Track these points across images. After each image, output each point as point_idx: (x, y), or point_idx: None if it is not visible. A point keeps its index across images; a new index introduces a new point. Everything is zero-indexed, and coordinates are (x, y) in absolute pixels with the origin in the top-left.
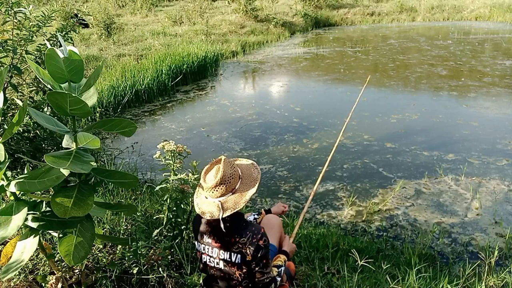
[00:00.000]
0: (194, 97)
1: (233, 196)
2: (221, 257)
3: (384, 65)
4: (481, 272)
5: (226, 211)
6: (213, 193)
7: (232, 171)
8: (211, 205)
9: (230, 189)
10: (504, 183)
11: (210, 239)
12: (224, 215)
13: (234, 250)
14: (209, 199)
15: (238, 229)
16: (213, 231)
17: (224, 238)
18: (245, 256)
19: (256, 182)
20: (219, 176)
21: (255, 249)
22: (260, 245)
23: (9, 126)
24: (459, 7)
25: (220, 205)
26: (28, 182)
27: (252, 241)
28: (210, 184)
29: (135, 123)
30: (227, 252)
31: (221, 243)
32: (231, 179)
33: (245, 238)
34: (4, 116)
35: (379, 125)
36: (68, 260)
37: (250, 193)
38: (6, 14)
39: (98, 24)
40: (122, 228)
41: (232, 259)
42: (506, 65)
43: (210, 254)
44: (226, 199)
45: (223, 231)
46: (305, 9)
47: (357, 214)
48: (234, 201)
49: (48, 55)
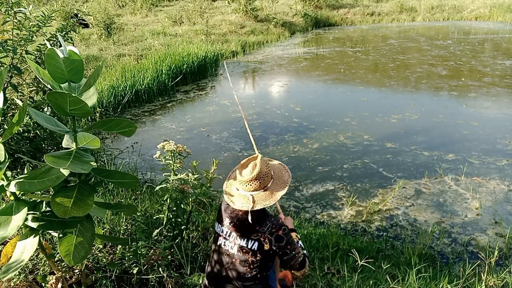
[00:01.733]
0: (194, 97)
1: (264, 193)
2: (237, 242)
3: (384, 65)
4: (481, 272)
5: (257, 205)
6: (247, 187)
7: (267, 170)
8: (242, 197)
9: (262, 186)
10: (504, 183)
11: (231, 224)
12: (254, 208)
13: (253, 237)
14: (240, 191)
15: (259, 220)
16: (236, 219)
17: (246, 227)
18: (262, 245)
19: (287, 185)
20: (256, 172)
21: (276, 239)
22: (280, 235)
23: (9, 126)
24: (459, 7)
25: (252, 198)
26: (28, 182)
27: (272, 231)
28: (246, 178)
29: (135, 123)
30: (245, 239)
31: (241, 230)
32: (265, 177)
33: (265, 228)
34: (4, 116)
35: (379, 125)
36: (68, 260)
37: (280, 194)
38: (6, 14)
39: (98, 24)
40: (122, 228)
41: (248, 246)
42: (506, 65)
43: (227, 237)
44: (258, 194)
45: (248, 221)
46: (305, 9)
47: (357, 214)
48: (265, 197)
49: (48, 55)
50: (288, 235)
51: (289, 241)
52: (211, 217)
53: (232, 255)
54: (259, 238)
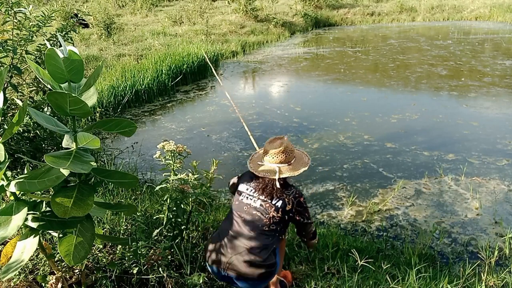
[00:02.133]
0: (194, 97)
1: (288, 167)
2: (261, 198)
3: (384, 65)
4: (481, 272)
5: (283, 174)
6: (273, 159)
7: (291, 148)
8: (269, 169)
9: (287, 160)
10: (504, 183)
11: (257, 187)
12: (280, 176)
13: (277, 196)
14: (266, 164)
15: (285, 186)
16: (263, 183)
17: (271, 191)
18: (286, 204)
19: (307, 165)
20: (284, 146)
21: (297, 204)
22: (301, 201)
23: (9, 126)
24: (459, 7)
25: (278, 169)
26: (28, 182)
27: (295, 195)
28: (274, 150)
29: (135, 123)
30: (269, 196)
31: (267, 192)
32: (290, 153)
33: (289, 192)
34: (4, 116)
35: (379, 125)
36: (68, 260)
37: (302, 170)
38: (6, 14)
39: (98, 24)
40: (122, 228)
41: (272, 202)
42: (506, 65)
43: (250, 193)
44: (283, 167)
45: (272, 187)
46: (305, 9)
47: (357, 214)
48: (289, 170)
49: (48, 55)
50: (306, 204)
51: (307, 209)
52: (211, 217)
53: (254, 207)
54: (283, 198)
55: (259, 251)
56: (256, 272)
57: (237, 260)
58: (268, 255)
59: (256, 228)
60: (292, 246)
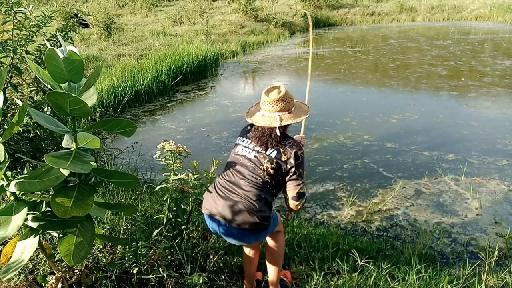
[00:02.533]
0: (194, 97)
1: (288, 115)
2: (256, 149)
3: (384, 65)
4: (481, 272)
5: (284, 122)
6: (273, 107)
7: (290, 95)
8: (268, 118)
9: (287, 108)
10: (504, 183)
11: (254, 138)
12: (281, 124)
13: (273, 146)
14: (266, 115)
15: (283, 136)
16: (261, 133)
17: (268, 140)
18: (281, 154)
19: (307, 113)
20: (282, 93)
21: (294, 156)
22: (298, 154)
23: (9, 126)
24: (459, 7)
25: (279, 117)
26: (28, 182)
27: (292, 146)
28: (272, 98)
29: (135, 123)
30: (264, 146)
31: (262, 142)
32: (289, 100)
33: (286, 142)
34: (4, 116)
35: (379, 125)
36: (68, 260)
37: (303, 117)
38: (6, 14)
39: (98, 24)
40: (122, 228)
41: (267, 152)
42: (506, 65)
43: (246, 145)
44: (284, 115)
45: (271, 136)
46: (305, 9)
47: (357, 214)
48: (290, 117)
49: (48, 55)
50: (303, 160)
51: (302, 165)
52: None
53: (248, 159)
54: (279, 148)
55: (253, 200)
56: (248, 220)
57: (229, 208)
58: (262, 206)
59: (251, 179)
60: (292, 246)
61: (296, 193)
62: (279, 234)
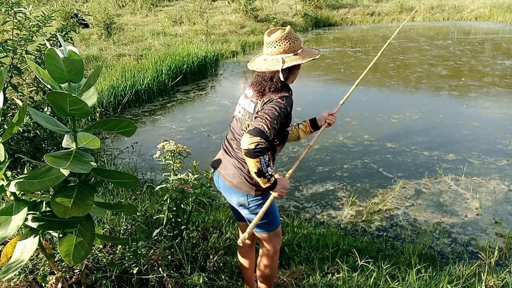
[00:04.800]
0: (194, 97)
1: (294, 56)
2: (244, 105)
3: (384, 65)
4: (481, 272)
5: (287, 64)
6: (275, 48)
7: (296, 35)
8: (271, 62)
9: (292, 49)
10: (504, 183)
11: (254, 83)
12: (284, 66)
13: (253, 100)
14: (268, 59)
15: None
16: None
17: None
18: (256, 106)
19: (316, 55)
20: (286, 31)
21: (267, 101)
22: (274, 99)
23: (9, 126)
24: (459, 7)
25: (282, 60)
26: (28, 182)
27: (271, 96)
28: (275, 37)
29: (135, 123)
30: (260, 94)
31: (261, 87)
32: (295, 40)
33: (270, 93)
34: (4, 116)
35: (380, 125)
36: (68, 260)
37: (309, 58)
38: (6, 14)
39: (98, 24)
40: (122, 228)
41: (247, 107)
42: (506, 65)
43: (240, 102)
44: (288, 57)
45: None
46: (305, 9)
47: (357, 214)
48: (295, 59)
49: (48, 55)
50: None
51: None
52: (211, 217)
53: (238, 118)
54: (257, 101)
55: (242, 160)
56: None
57: (224, 165)
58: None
59: (235, 140)
60: (292, 246)
61: (254, 127)
62: (275, 254)
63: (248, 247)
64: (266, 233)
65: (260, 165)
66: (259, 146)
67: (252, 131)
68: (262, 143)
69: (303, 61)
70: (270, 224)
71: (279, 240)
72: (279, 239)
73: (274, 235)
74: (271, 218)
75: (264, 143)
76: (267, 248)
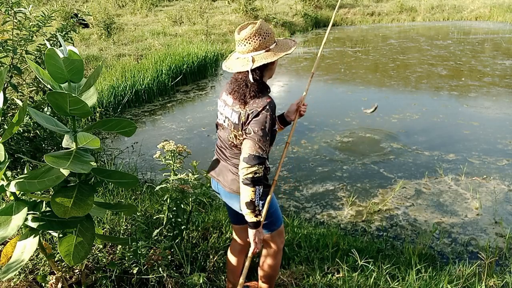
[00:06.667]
0: (194, 97)
1: (266, 53)
2: (227, 114)
3: (384, 65)
4: (481, 272)
5: (257, 63)
6: (245, 46)
7: (268, 29)
8: (241, 61)
9: (264, 45)
10: (504, 183)
11: (232, 91)
12: (254, 66)
13: (235, 109)
14: (240, 57)
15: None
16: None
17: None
18: (239, 116)
19: (290, 48)
20: (256, 26)
21: (252, 114)
22: (259, 111)
23: (9, 126)
24: (459, 7)
25: (251, 59)
26: (28, 182)
27: (253, 105)
28: (244, 35)
29: (135, 123)
30: (242, 101)
31: (240, 95)
32: (266, 35)
33: (252, 102)
34: (4, 116)
35: (380, 125)
36: (68, 260)
37: (283, 53)
38: (6, 14)
39: (98, 24)
40: (122, 228)
41: (231, 117)
42: (506, 65)
43: (222, 111)
44: (258, 55)
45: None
46: (305, 9)
47: (357, 214)
48: (265, 56)
49: (48, 55)
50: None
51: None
52: (211, 217)
53: (223, 127)
54: (240, 110)
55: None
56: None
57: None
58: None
59: (229, 148)
60: (292, 246)
61: (249, 154)
62: (277, 253)
63: (242, 248)
64: (269, 232)
65: (254, 195)
66: (257, 174)
67: (248, 159)
68: (260, 170)
69: (274, 58)
70: (273, 224)
71: (282, 239)
72: (282, 238)
73: (277, 234)
74: (273, 218)
75: (261, 169)
76: (270, 248)
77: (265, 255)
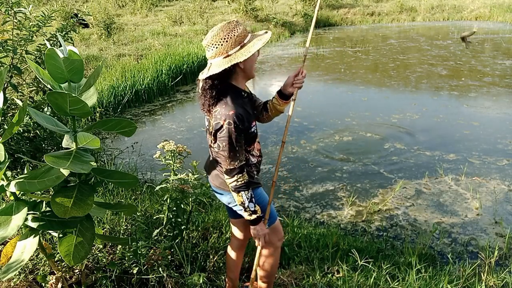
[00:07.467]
0: (194, 97)
1: (222, 60)
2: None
3: (384, 65)
4: (481, 272)
5: (209, 72)
6: (209, 53)
7: (231, 31)
8: (208, 67)
9: (223, 51)
10: (505, 183)
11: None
12: (204, 76)
13: (206, 117)
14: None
15: (219, 99)
16: (200, 95)
17: (202, 105)
18: (210, 124)
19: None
20: (214, 33)
21: (216, 126)
22: (221, 124)
23: (9, 126)
24: (459, 7)
25: (209, 66)
26: (28, 182)
27: (216, 115)
28: (205, 42)
29: (135, 123)
30: (207, 110)
31: (204, 104)
32: (224, 41)
33: (215, 110)
34: (4, 116)
35: (380, 125)
36: (68, 260)
37: (243, 57)
38: (6, 14)
39: (98, 24)
40: (122, 228)
41: (206, 122)
42: (506, 65)
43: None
44: (216, 61)
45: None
46: (305, 9)
47: (357, 214)
48: (220, 64)
49: (48, 55)
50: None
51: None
52: (211, 217)
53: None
54: (209, 119)
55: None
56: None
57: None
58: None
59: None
60: (292, 246)
61: (225, 168)
62: (274, 251)
63: (240, 244)
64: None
65: (242, 199)
66: (239, 182)
67: (226, 172)
68: (240, 178)
69: (226, 66)
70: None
71: (279, 236)
72: (278, 235)
73: (271, 230)
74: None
75: (241, 177)
76: (266, 245)
77: (261, 253)
